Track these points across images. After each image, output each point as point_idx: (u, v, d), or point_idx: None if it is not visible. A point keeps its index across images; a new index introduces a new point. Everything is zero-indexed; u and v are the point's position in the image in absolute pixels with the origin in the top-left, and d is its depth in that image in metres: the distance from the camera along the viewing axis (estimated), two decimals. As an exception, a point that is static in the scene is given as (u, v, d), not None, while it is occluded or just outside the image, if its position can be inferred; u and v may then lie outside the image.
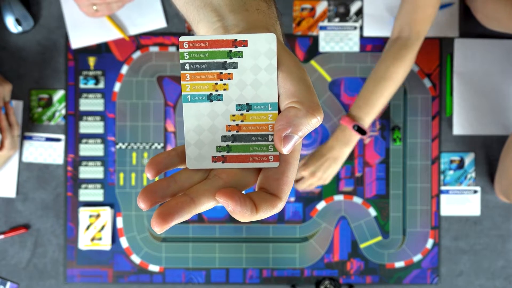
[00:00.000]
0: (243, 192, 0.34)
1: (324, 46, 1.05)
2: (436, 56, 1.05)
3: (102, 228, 1.03)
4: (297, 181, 1.01)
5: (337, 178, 1.05)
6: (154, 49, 1.04)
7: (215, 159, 0.35)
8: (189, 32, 1.04)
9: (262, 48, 0.34)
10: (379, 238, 1.05)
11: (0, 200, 1.04)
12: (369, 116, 0.93)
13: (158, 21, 1.04)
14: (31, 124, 1.04)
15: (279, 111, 0.35)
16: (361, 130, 0.93)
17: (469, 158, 1.05)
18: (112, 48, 1.04)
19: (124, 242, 1.04)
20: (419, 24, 0.89)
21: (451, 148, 1.05)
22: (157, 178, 0.89)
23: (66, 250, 1.04)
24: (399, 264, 1.05)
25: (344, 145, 0.95)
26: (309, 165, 0.98)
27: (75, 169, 1.04)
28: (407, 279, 1.05)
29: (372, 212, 1.05)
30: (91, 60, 1.04)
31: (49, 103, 1.04)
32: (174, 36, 1.04)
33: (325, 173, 0.97)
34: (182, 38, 0.34)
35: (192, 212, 0.33)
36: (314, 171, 0.97)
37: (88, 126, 1.04)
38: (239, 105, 0.35)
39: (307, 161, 0.98)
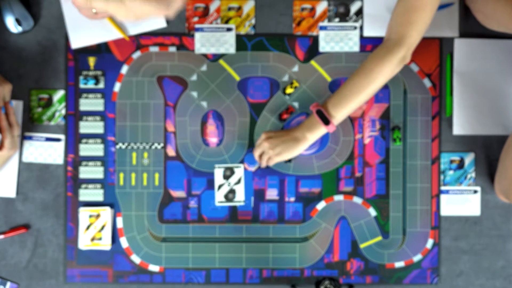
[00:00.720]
0: None
1: (324, 46, 1.05)
2: (436, 56, 1.05)
3: (102, 228, 1.03)
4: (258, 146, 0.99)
5: (337, 178, 1.05)
6: (154, 49, 1.04)
7: None
8: (189, 31, 1.05)
9: None
10: (379, 238, 1.05)
11: (0, 200, 1.04)
12: (339, 111, 0.90)
13: (158, 21, 1.04)
14: (31, 124, 1.04)
15: None
16: (324, 119, 0.91)
17: (469, 158, 1.05)
18: (112, 48, 1.04)
19: (124, 242, 1.04)
20: (406, 28, 0.86)
21: (451, 148, 1.05)
22: None
23: (66, 250, 1.04)
24: (399, 264, 1.05)
25: (307, 129, 0.93)
26: (271, 132, 0.98)
27: (75, 169, 1.04)
28: (407, 279, 1.05)
29: (372, 212, 1.05)
30: (91, 60, 1.04)
31: (49, 103, 1.04)
32: (174, 36, 1.04)
33: (279, 147, 0.95)
34: None
35: None
36: (271, 137, 0.96)
37: (88, 126, 1.04)
38: None
39: (272, 130, 1.01)
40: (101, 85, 1.04)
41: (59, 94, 1.04)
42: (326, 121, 0.91)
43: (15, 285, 1.04)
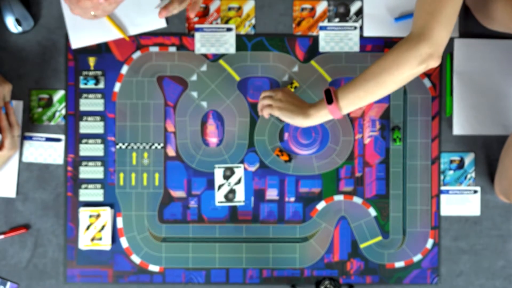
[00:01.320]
0: None
1: (324, 46, 1.05)
2: (436, 56, 1.05)
3: (102, 228, 1.03)
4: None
5: (337, 178, 1.05)
6: (154, 49, 1.04)
7: None
8: (189, 31, 1.05)
9: None
10: (379, 238, 1.05)
11: (0, 200, 1.04)
12: (345, 95, 0.87)
13: (158, 21, 1.04)
14: (31, 124, 1.04)
15: None
16: (329, 99, 0.88)
17: (469, 158, 1.05)
18: (112, 48, 1.04)
19: (124, 242, 1.04)
20: (426, 20, 0.80)
21: (451, 148, 1.05)
22: None
23: (66, 250, 1.04)
24: (399, 264, 1.05)
25: (313, 106, 0.91)
26: (291, 91, 0.97)
27: (75, 169, 1.04)
28: (407, 279, 1.05)
29: (372, 212, 1.05)
30: (91, 60, 1.04)
31: (49, 103, 1.04)
32: (174, 36, 1.04)
33: (286, 103, 0.93)
34: None
35: None
36: (287, 94, 0.95)
37: (88, 126, 1.04)
38: None
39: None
40: (101, 85, 1.04)
41: (59, 94, 1.04)
42: (330, 101, 0.87)
43: (15, 285, 1.04)
